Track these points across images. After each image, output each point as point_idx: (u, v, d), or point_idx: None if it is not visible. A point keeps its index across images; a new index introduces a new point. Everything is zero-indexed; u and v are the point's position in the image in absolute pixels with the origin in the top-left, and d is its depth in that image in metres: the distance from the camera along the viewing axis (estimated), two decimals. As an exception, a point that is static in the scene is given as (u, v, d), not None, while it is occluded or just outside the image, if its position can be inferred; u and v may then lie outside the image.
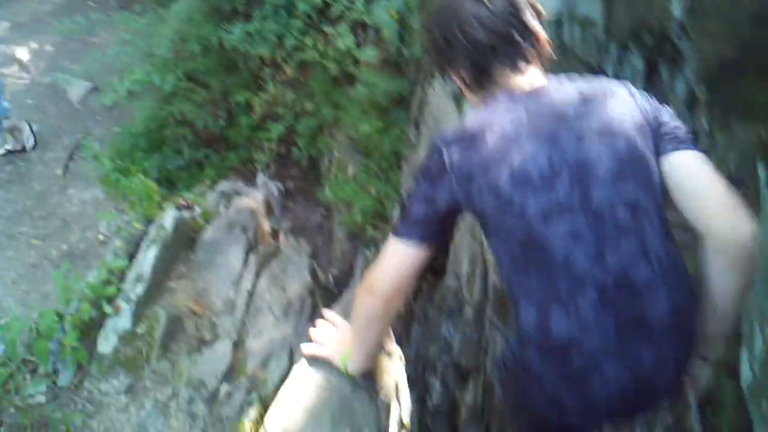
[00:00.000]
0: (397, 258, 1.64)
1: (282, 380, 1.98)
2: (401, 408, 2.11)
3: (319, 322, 2.00)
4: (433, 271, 3.54)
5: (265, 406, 2.04)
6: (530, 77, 1.62)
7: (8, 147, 7.43)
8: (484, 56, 1.60)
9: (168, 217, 3.40)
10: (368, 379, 1.95)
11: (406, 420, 2.14)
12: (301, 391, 1.84)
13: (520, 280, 1.56)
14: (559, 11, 2.76)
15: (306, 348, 1.95)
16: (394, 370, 2.11)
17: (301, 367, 1.92)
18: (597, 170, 1.49)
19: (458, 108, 3.58)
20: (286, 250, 3.64)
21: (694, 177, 1.57)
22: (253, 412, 2.55)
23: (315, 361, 1.91)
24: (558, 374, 1.55)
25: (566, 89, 1.60)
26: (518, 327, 1.58)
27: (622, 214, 1.49)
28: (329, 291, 2.08)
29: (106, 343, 3.06)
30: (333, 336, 1.94)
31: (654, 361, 1.52)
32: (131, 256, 3.37)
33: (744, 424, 1.96)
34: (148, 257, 3.27)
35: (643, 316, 1.50)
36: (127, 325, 3.10)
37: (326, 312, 2.04)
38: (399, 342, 3.60)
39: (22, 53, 8.71)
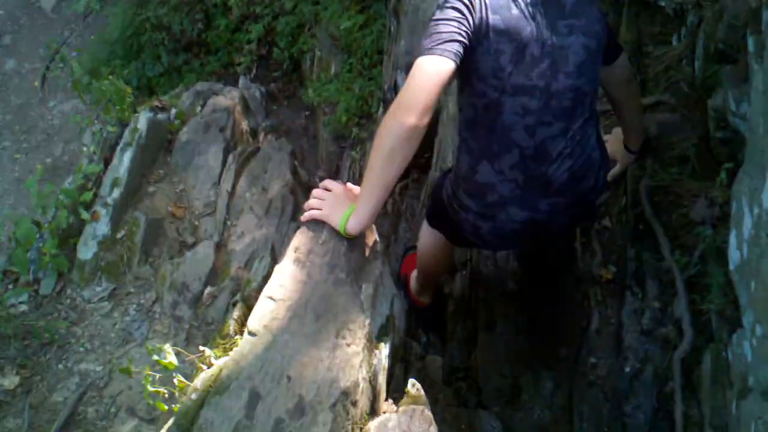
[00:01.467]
0: (434, 71, 1.76)
1: (266, 280, 1.94)
2: (385, 301, 2.09)
3: (314, 191, 1.98)
4: (418, 166, 3.48)
5: (249, 306, 2.01)
6: None
7: None
8: None
9: (142, 119, 3.29)
10: (351, 274, 1.90)
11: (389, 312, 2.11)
12: (282, 288, 1.80)
13: (467, 139, 2.04)
14: None
15: (303, 216, 1.95)
16: (377, 264, 2.07)
17: (282, 265, 1.87)
18: (569, 60, 1.89)
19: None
20: (265, 148, 3.54)
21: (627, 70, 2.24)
22: (237, 313, 2.51)
23: (298, 258, 1.86)
24: (477, 208, 2.08)
25: None
26: (455, 170, 2.11)
27: (567, 102, 1.92)
28: (311, 188, 2.03)
29: (86, 250, 3.02)
30: (328, 198, 1.93)
31: (548, 209, 2.05)
32: (107, 161, 3.27)
33: (732, 308, 1.93)
34: (123, 161, 3.18)
35: (546, 176, 1.99)
36: (106, 230, 3.04)
37: (325, 180, 2.02)
38: (386, 240, 3.59)
39: (-14, -39, 8.35)
